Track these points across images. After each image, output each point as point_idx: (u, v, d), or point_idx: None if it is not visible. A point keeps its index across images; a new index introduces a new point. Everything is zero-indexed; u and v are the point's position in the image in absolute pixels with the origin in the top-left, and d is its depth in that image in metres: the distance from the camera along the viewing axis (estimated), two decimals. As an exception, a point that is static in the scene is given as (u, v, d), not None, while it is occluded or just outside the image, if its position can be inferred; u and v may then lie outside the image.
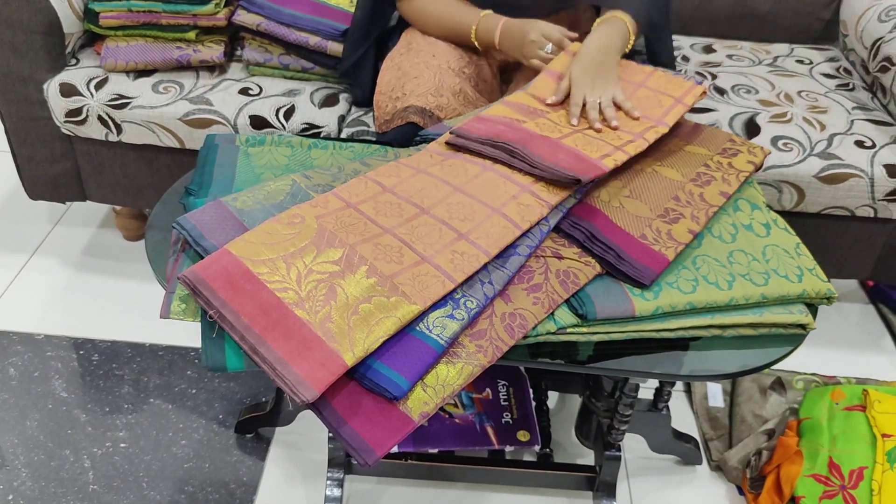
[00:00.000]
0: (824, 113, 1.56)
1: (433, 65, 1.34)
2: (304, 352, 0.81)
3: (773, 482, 1.32)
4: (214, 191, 1.07)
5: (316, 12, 1.55)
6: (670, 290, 0.97)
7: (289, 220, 0.94)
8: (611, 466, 1.30)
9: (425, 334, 0.86)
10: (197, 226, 0.96)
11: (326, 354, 0.81)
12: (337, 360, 0.80)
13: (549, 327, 0.93)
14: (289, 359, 0.80)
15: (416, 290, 0.88)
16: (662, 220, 1.03)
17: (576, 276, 0.96)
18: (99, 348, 1.61)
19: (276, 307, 0.84)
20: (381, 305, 0.86)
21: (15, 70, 1.54)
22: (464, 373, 0.86)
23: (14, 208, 1.99)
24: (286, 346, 0.81)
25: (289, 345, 0.81)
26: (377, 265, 0.90)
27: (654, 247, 0.99)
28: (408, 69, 1.34)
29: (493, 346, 0.88)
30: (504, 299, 0.92)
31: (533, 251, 0.97)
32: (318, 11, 1.55)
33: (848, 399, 1.37)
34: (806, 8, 1.83)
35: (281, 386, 0.80)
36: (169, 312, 0.91)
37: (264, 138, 1.18)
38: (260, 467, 1.41)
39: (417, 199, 1.00)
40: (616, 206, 1.04)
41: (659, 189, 1.09)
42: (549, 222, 1.00)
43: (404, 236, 0.94)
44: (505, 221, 0.97)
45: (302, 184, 1.04)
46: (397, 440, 0.81)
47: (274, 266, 0.88)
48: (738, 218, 1.10)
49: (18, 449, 1.41)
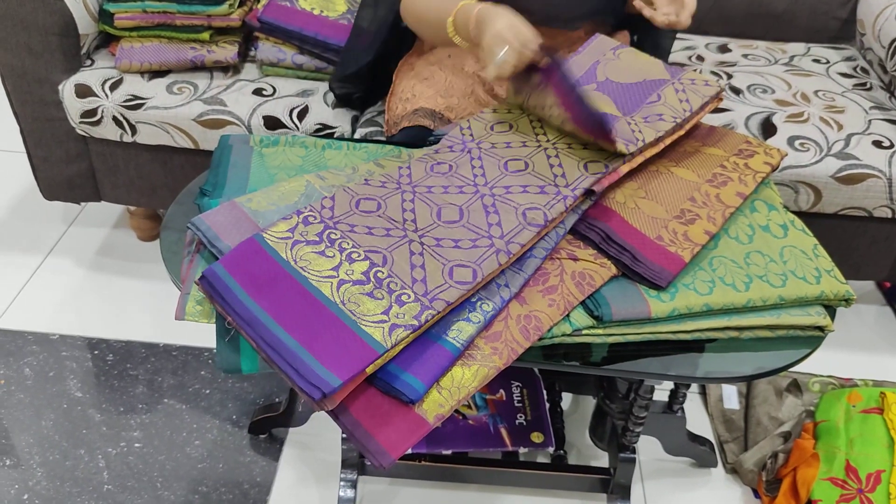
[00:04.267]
0: (841, 113, 1.54)
1: (447, 65, 1.33)
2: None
3: (790, 485, 1.31)
4: (229, 191, 1.07)
5: (341, 35, 1.54)
6: (686, 292, 0.96)
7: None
8: (625, 468, 1.29)
9: (442, 338, 0.85)
10: (212, 227, 0.96)
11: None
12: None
13: (565, 329, 0.92)
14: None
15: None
16: (678, 220, 1.02)
17: (591, 278, 0.96)
18: (113, 348, 1.62)
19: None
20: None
21: (30, 71, 1.54)
22: (479, 375, 0.85)
23: (29, 209, 2.00)
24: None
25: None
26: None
27: (670, 248, 0.99)
28: (420, 69, 1.34)
29: (508, 347, 0.88)
30: (519, 301, 0.92)
31: (549, 253, 0.96)
32: (343, 33, 1.54)
33: (865, 402, 1.36)
34: (822, 7, 1.82)
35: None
36: (184, 314, 0.91)
37: (278, 139, 1.18)
38: (273, 468, 1.41)
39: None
40: (632, 208, 1.04)
41: (675, 190, 1.08)
42: (566, 224, 0.99)
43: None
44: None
45: (316, 184, 1.04)
46: (412, 443, 0.81)
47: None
48: (754, 219, 1.09)
49: (34, 448, 1.42)
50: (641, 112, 1.11)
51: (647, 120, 1.09)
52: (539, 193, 0.98)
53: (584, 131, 1.04)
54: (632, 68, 1.19)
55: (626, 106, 1.13)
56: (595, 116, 0.98)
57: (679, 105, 1.12)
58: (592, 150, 1.06)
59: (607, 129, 0.98)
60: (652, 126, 1.08)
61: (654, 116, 1.10)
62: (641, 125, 1.07)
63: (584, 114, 1.00)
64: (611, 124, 0.99)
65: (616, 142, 1.00)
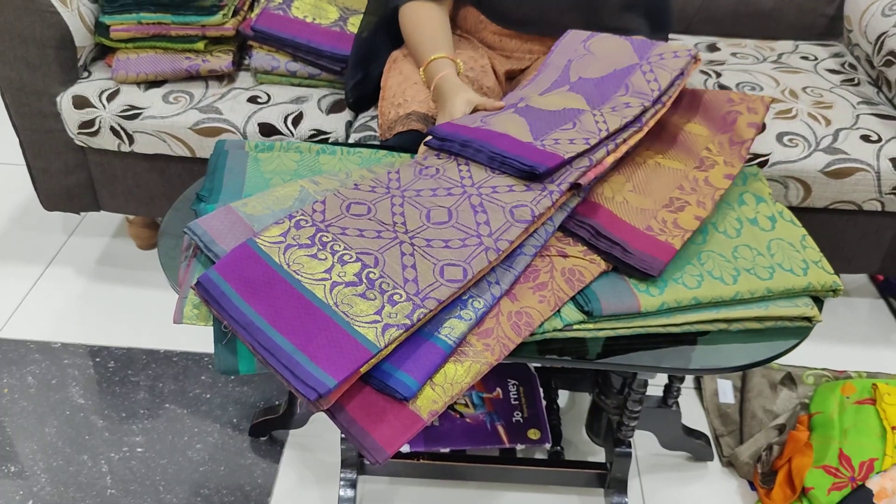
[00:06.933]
0: (829, 108, 1.56)
1: None
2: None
3: (785, 476, 1.32)
4: (225, 196, 1.09)
5: (333, 42, 1.57)
6: (675, 286, 0.97)
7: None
8: (622, 463, 1.31)
9: (434, 335, 0.87)
10: (208, 231, 0.97)
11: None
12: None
13: (556, 324, 0.94)
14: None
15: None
16: (667, 209, 1.03)
17: (581, 274, 0.97)
18: (115, 355, 1.64)
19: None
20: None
21: (29, 84, 1.57)
22: (471, 371, 0.87)
23: (30, 219, 2.02)
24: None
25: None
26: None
27: (661, 237, 0.99)
28: (409, 73, 1.35)
29: (500, 344, 0.89)
30: (510, 298, 0.93)
31: (538, 250, 0.98)
32: (335, 40, 1.57)
33: (858, 393, 1.37)
34: (809, 4, 1.84)
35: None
36: (182, 317, 0.92)
37: (273, 144, 1.20)
38: (274, 469, 1.42)
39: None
40: (620, 202, 1.04)
41: (662, 181, 1.08)
42: (554, 221, 1.00)
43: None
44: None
45: (310, 189, 1.06)
46: (407, 438, 0.82)
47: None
48: (742, 212, 1.10)
49: (38, 455, 1.43)
50: (610, 103, 1.12)
51: (615, 109, 1.10)
52: (525, 191, 0.99)
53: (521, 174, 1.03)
54: (602, 60, 1.20)
55: (596, 101, 1.13)
56: (518, 165, 1.00)
57: (647, 87, 1.12)
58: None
59: (529, 167, 0.99)
60: (618, 113, 1.08)
61: (622, 105, 1.10)
62: (608, 115, 1.08)
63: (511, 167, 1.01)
64: (529, 161, 1.00)
65: (540, 168, 0.99)
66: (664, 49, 1.18)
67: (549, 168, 0.99)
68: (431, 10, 1.35)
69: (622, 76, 1.16)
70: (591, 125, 1.06)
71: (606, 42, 1.23)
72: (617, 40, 1.23)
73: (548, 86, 1.21)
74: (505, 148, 1.03)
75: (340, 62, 1.57)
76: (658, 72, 1.15)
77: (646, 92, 1.12)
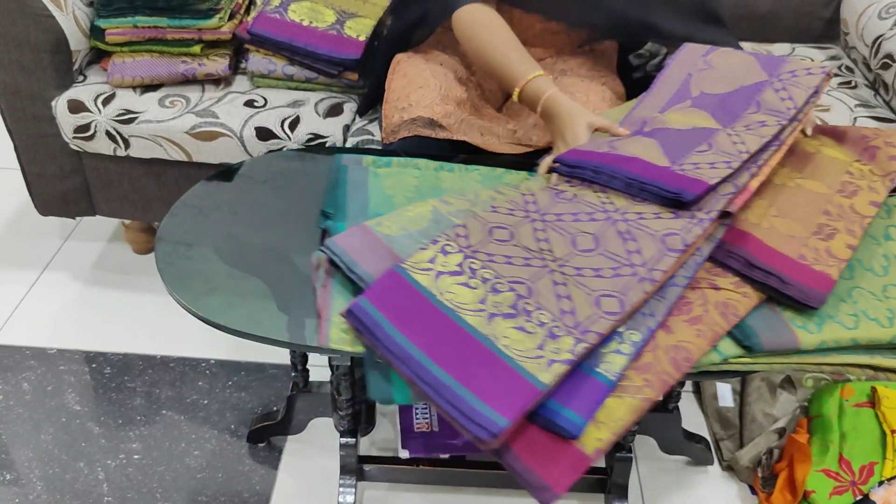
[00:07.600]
0: (826, 111, 1.56)
1: (439, 73, 1.34)
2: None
3: (786, 480, 1.32)
4: (352, 213, 1.06)
5: (330, 45, 1.56)
6: (833, 324, 0.92)
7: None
8: (622, 468, 1.30)
9: (594, 370, 0.83)
10: (347, 251, 0.93)
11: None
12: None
13: (713, 358, 0.89)
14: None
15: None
16: (817, 237, 0.97)
17: (735, 308, 0.92)
18: (111, 361, 1.63)
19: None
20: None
21: (23, 88, 1.56)
22: (633, 408, 0.82)
23: (25, 225, 2.01)
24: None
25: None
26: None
27: (816, 266, 0.94)
28: (413, 77, 1.33)
29: (659, 379, 0.85)
30: (666, 331, 0.89)
31: (689, 281, 0.93)
32: (332, 43, 1.57)
33: (857, 396, 1.37)
34: (806, 7, 1.84)
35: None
36: (329, 342, 0.89)
37: (390, 160, 1.18)
38: (272, 476, 1.41)
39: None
40: (766, 228, 0.98)
41: (806, 204, 1.02)
42: (702, 251, 0.95)
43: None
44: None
45: (443, 210, 1.02)
46: (575, 478, 0.78)
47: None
48: (889, 248, 1.02)
49: (33, 462, 1.42)
50: (742, 121, 1.06)
51: (749, 128, 1.04)
52: (674, 218, 0.94)
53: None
54: (726, 75, 1.15)
55: (726, 118, 1.08)
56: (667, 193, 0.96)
57: (781, 104, 1.07)
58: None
59: (677, 194, 0.95)
60: (755, 133, 1.03)
61: (757, 124, 1.05)
62: (744, 135, 1.03)
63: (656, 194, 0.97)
64: (678, 189, 0.95)
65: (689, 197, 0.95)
66: (796, 66, 1.13)
67: (697, 195, 0.94)
68: (492, 16, 1.27)
69: (751, 93, 1.11)
70: (729, 146, 1.01)
71: (729, 57, 1.18)
72: (740, 55, 1.18)
73: (667, 100, 1.16)
74: (639, 172, 0.98)
75: (337, 65, 1.56)
76: (792, 89, 1.09)
77: (781, 110, 1.06)
